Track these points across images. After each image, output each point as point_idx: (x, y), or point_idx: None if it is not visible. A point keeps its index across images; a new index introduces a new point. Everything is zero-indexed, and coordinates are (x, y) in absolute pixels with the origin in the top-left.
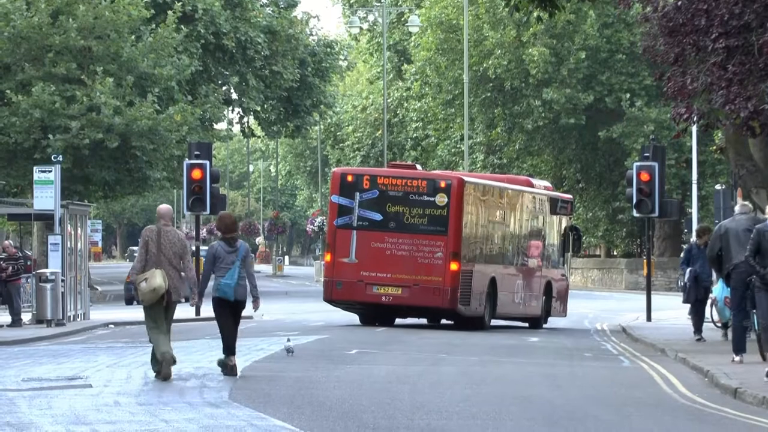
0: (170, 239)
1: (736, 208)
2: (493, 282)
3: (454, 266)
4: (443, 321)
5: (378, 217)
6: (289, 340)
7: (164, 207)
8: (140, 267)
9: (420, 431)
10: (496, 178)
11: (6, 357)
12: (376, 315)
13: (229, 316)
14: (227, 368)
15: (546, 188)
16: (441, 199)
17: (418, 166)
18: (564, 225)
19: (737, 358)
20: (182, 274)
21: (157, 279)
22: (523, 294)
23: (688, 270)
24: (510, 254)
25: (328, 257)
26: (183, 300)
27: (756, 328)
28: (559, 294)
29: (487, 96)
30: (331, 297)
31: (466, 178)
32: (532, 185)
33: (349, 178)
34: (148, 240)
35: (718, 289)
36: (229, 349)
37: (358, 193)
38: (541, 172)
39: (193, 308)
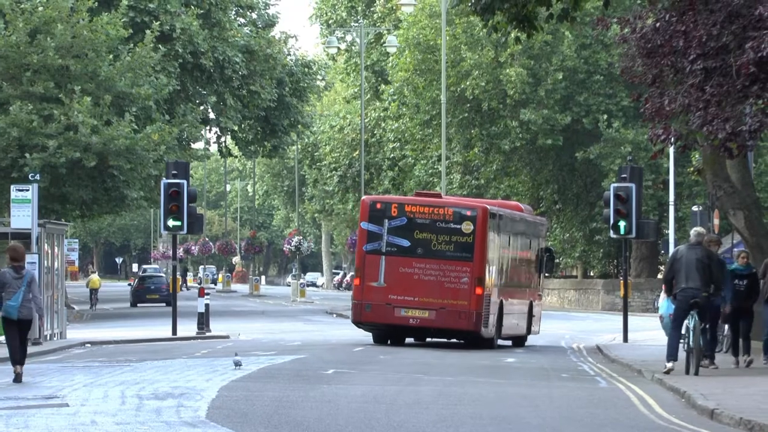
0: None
1: (692, 236)
2: (500, 305)
3: (479, 290)
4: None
5: (406, 243)
6: (236, 354)
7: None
8: None
9: None
10: (490, 204)
11: None
12: (402, 337)
13: (15, 333)
14: (16, 376)
15: (526, 211)
16: (467, 226)
17: (442, 195)
18: (540, 247)
19: (669, 365)
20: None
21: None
22: (517, 314)
23: None
24: (512, 278)
25: (357, 281)
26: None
27: (690, 346)
28: (537, 313)
29: (464, 116)
30: (360, 319)
31: (489, 208)
32: (521, 210)
33: (378, 206)
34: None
35: (664, 307)
36: (15, 359)
37: (386, 220)
38: (518, 193)
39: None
